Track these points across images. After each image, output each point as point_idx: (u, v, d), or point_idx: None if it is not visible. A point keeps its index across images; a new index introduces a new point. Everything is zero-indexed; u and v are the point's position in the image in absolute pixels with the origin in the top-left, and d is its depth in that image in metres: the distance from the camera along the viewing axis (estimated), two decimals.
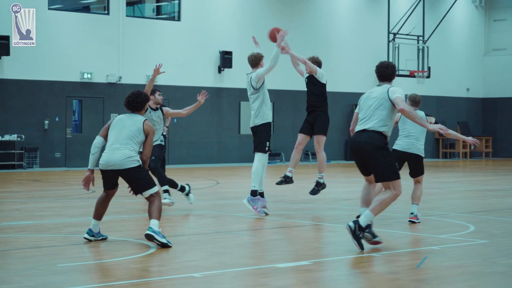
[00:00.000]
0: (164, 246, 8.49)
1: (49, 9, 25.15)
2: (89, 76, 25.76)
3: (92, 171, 8.89)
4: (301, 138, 12.38)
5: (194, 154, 28.08)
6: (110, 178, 8.83)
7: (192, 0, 28.11)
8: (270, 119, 11.85)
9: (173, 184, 12.76)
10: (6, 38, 23.76)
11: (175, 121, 26.70)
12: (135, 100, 8.96)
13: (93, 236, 8.85)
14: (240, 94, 28.02)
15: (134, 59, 26.64)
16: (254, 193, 11.64)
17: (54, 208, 12.95)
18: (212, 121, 28.52)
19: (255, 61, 11.89)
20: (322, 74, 12.22)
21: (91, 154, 8.88)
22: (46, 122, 24.99)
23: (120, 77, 26.20)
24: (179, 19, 28.19)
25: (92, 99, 25.86)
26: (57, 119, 25.23)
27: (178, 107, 26.91)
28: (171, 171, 21.37)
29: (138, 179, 8.71)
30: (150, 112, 12.50)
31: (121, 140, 8.73)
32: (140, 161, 8.76)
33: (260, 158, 11.71)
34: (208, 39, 28.34)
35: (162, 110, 12.87)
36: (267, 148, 11.71)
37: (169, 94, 26.26)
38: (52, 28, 25.12)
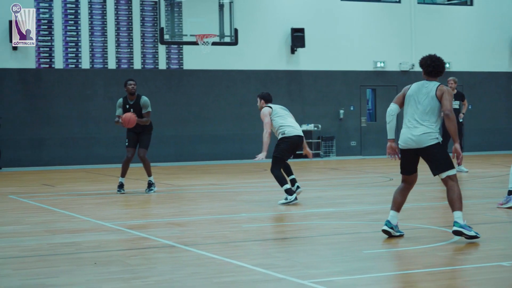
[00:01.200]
0: (473, 238, 8.06)
1: (341, 0, 25.62)
2: (382, 64, 25.93)
3: (392, 140, 8.52)
4: None
5: (490, 141, 27.27)
6: (409, 160, 8.41)
7: None
8: None
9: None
10: (301, 31, 24.56)
11: (469, 107, 26.07)
12: (430, 64, 8.47)
13: (391, 228, 8.39)
14: None
15: (426, 46, 26.35)
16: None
17: (353, 196, 13.18)
18: (508, 107, 27.50)
19: None
20: None
21: (387, 123, 8.52)
22: (341, 111, 25.51)
23: (413, 65, 26.07)
24: (471, 4, 27.51)
25: (385, 87, 26.00)
26: (351, 108, 25.68)
27: (472, 93, 26.29)
28: (467, 158, 20.92)
29: (435, 158, 8.25)
30: None
31: (418, 116, 8.33)
32: (440, 138, 8.30)
33: None
34: (502, 23, 27.38)
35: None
36: None
37: (463, 80, 25.70)
38: (345, 19, 25.57)
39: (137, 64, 23.20)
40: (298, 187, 12.21)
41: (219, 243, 8.26)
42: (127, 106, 13.69)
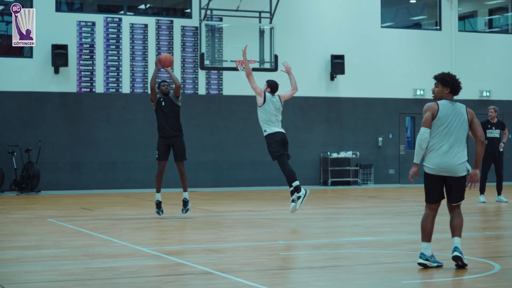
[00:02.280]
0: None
1: (381, 27, 25.58)
2: (421, 92, 25.80)
3: (417, 165, 8.28)
4: None
5: None
6: (437, 185, 8.26)
7: None
8: None
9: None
10: (341, 58, 24.54)
11: (510, 136, 25.80)
12: (457, 82, 8.33)
13: (427, 260, 8.25)
14: None
15: (467, 74, 26.19)
16: None
17: (392, 225, 13.07)
18: None
19: None
20: None
21: (421, 148, 8.24)
22: (380, 139, 25.39)
23: None
24: None
25: None
26: (390, 136, 25.55)
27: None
28: (506, 188, 20.66)
29: (461, 188, 8.27)
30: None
31: (453, 142, 8.20)
32: (470, 168, 8.38)
33: None
34: None
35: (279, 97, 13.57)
36: None
37: (504, 109, 25.47)
38: (385, 46, 25.53)
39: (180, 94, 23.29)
40: (305, 190, 13.02)
41: (256, 271, 8.23)
42: (161, 99, 14.14)
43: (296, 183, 12.75)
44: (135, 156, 22.97)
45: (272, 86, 13.58)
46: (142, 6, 24.70)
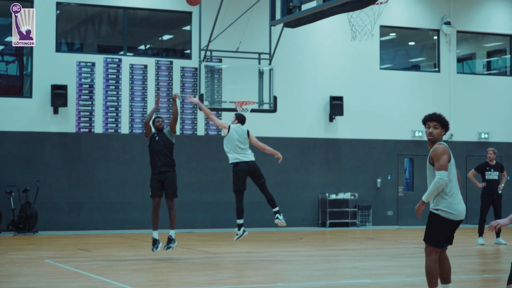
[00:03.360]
0: None
1: (380, 69, 25.71)
2: (420, 134, 25.84)
3: (424, 203, 8.02)
4: None
5: None
6: (451, 230, 8.10)
7: None
8: None
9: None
10: (340, 99, 24.62)
11: (508, 178, 25.80)
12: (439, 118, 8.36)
13: None
14: None
15: (465, 116, 26.33)
16: None
17: (391, 267, 13.01)
18: None
19: None
20: None
21: (435, 189, 7.90)
22: (379, 180, 25.38)
23: (452, 135, 25.97)
24: (511, 74, 27.47)
25: (423, 157, 25.74)
26: (389, 178, 25.53)
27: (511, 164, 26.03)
28: (505, 230, 20.57)
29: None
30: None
31: (457, 184, 8.10)
32: None
33: None
34: None
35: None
36: None
37: (502, 151, 25.49)
38: (384, 88, 25.62)
39: (176, 129, 23.32)
40: (277, 217, 13.98)
41: None
42: (155, 134, 14.29)
43: (240, 221, 13.87)
44: (133, 197, 22.92)
45: (239, 119, 14.23)
46: (142, 47, 24.82)
